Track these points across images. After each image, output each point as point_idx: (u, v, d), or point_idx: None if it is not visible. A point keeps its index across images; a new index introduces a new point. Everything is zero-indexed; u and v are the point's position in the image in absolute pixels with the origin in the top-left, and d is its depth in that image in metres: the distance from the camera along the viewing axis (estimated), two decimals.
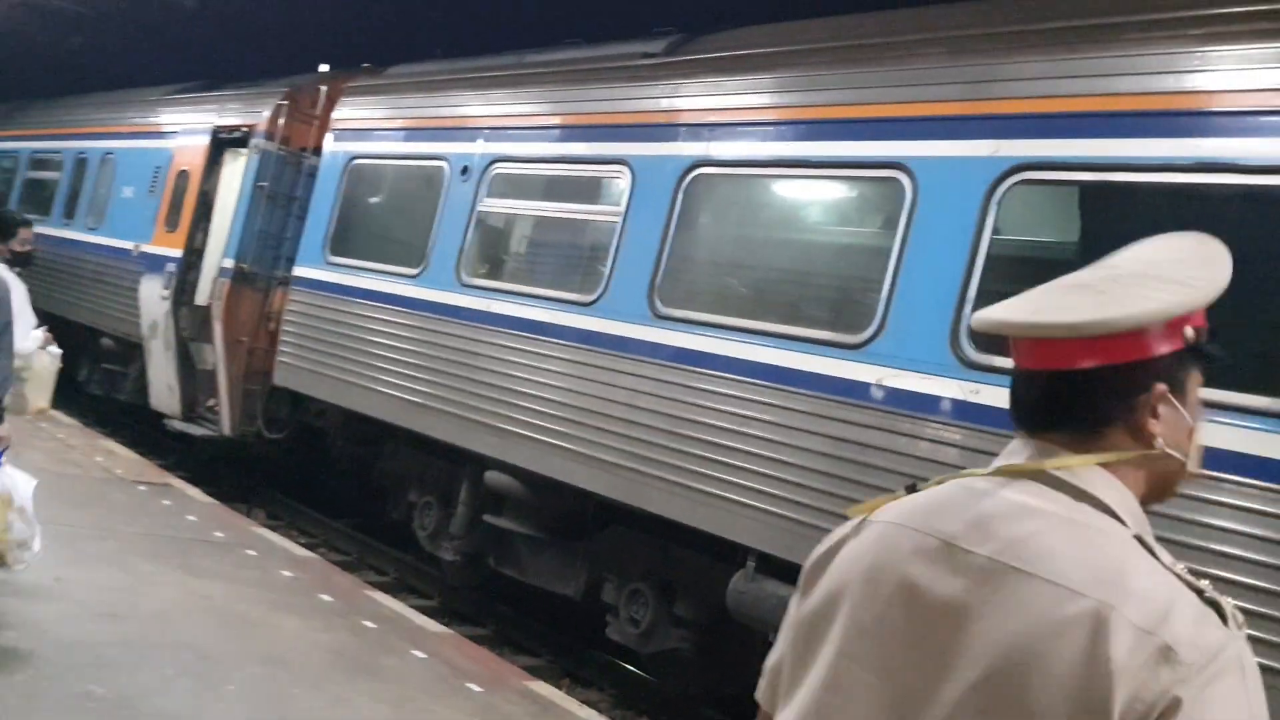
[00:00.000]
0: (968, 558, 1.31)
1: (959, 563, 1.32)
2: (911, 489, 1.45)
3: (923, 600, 1.32)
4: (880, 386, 5.40)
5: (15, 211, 8.36)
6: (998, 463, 1.40)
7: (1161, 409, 1.37)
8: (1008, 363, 4.75)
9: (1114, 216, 5.20)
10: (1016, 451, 1.40)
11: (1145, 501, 1.40)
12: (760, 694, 1.56)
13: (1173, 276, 1.37)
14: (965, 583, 1.30)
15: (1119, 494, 1.35)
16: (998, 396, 4.97)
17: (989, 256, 5.21)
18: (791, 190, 6.63)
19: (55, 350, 6.56)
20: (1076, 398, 1.37)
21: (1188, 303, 1.35)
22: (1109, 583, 1.24)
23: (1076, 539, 1.29)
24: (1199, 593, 1.26)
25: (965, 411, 5.12)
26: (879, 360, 5.47)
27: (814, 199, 6.60)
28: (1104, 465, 1.36)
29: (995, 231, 5.24)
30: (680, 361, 6.41)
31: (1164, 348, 1.35)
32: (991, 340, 5.20)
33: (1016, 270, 5.37)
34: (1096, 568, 1.25)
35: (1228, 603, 1.27)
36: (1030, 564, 1.28)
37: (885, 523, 1.41)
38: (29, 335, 6.17)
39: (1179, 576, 1.28)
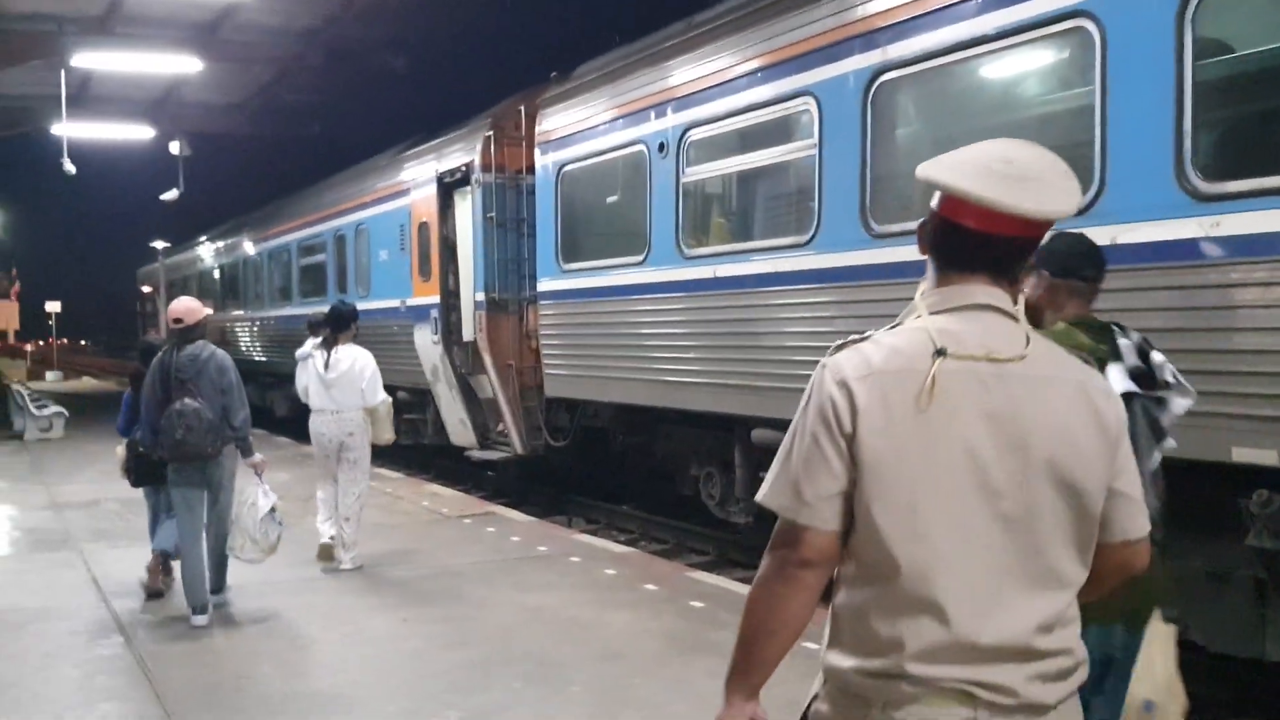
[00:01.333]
0: (1013, 373, 1.81)
1: (1014, 377, 1.81)
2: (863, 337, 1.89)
3: (1010, 408, 1.80)
4: (1114, 246, 5.11)
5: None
6: (958, 301, 1.85)
7: None
8: (1240, 186, 4.35)
9: None
10: (975, 294, 1.86)
11: None
12: (825, 519, 1.84)
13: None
14: (1024, 391, 1.81)
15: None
16: (1239, 224, 4.61)
17: (1195, 82, 4.82)
18: (983, 71, 6.30)
19: (383, 396, 8.54)
20: (1027, 254, 1.90)
21: None
22: (1074, 367, 1.88)
23: (1047, 346, 1.89)
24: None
25: (1212, 246, 4.77)
26: (1107, 220, 5.17)
27: (1004, 74, 6.25)
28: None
29: (1196, 55, 4.85)
30: (900, 276, 6.27)
31: None
32: (1220, 167, 4.83)
33: (1227, 89, 4.95)
34: (1063, 361, 1.88)
35: None
36: (1044, 369, 1.84)
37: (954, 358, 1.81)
38: (379, 393, 8.46)
39: None
